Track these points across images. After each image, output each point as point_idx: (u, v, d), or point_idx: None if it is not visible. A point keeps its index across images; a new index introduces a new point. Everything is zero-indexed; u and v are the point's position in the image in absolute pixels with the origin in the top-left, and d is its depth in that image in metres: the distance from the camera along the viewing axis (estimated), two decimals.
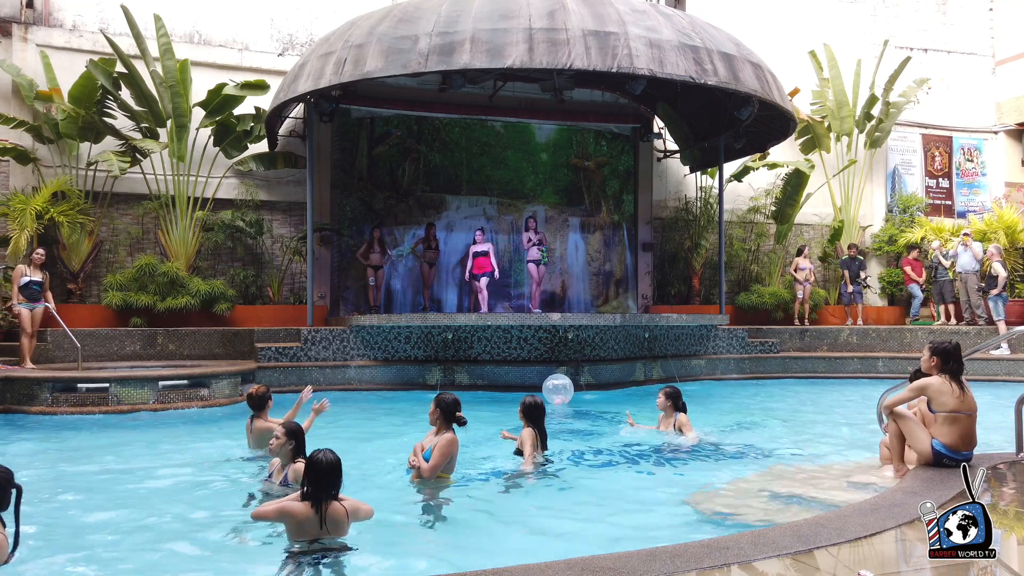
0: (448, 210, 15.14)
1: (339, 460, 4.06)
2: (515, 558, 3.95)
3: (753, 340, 13.87)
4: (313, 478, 3.96)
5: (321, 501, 3.94)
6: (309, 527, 3.93)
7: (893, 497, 4.32)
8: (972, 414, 5.05)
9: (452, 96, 14.10)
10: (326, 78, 10.85)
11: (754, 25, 16.38)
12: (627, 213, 16.20)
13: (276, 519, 4.06)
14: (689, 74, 10.66)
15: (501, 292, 15.30)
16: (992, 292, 13.77)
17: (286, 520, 3.99)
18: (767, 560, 3.26)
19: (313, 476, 3.96)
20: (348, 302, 14.37)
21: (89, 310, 12.23)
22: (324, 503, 3.94)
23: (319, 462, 3.98)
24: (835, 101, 16.35)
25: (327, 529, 3.95)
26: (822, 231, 17.13)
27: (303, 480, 4.01)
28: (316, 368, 11.25)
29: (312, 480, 3.96)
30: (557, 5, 10.61)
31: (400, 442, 7.14)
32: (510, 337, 11.31)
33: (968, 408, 5.02)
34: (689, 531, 4.53)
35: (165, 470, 6.14)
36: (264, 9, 14.36)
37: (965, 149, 18.66)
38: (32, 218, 11.50)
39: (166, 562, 4.09)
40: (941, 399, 5.01)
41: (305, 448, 4.89)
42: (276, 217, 14.14)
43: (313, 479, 3.96)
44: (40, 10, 13.06)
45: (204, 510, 4.97)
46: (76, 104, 12.02)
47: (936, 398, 5.04)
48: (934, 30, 18.66)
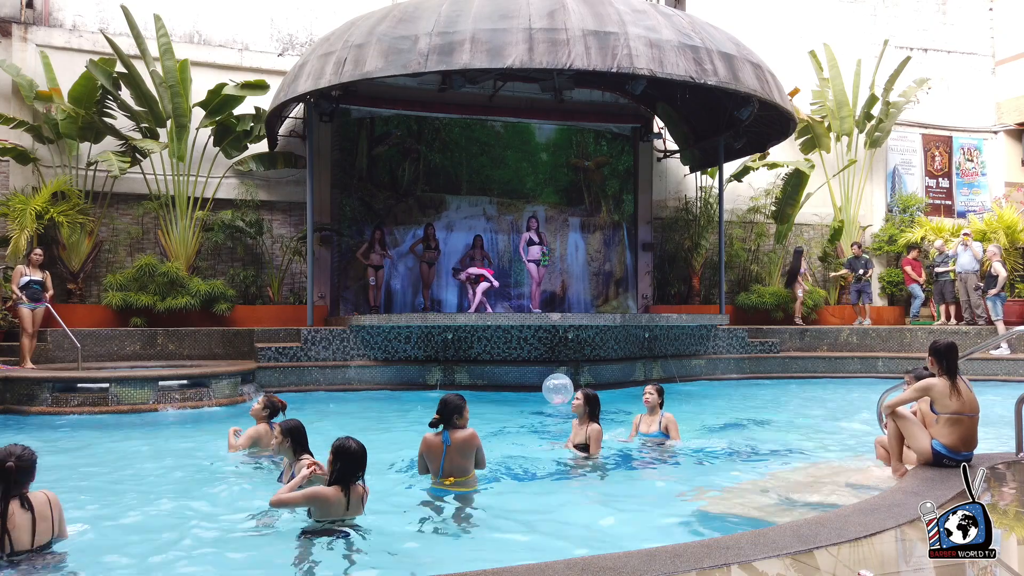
0: (448, 210, 15.14)
1: (364, 447, 4.42)
2: (514, 558, 3.95)
3: (753, 340, 13.87)
4: (344, 463, 4.31)
5: (349, 484, 4.31)
6: (337, 508, 4.29)
7: (893, 497, 4.32)
8: (974, 415, 5.04)
9: (452, 96, 14.10)
10: (326, 78, 10.85)
11: (754, 25, 16.38)
12: (627, 213, 16.20)
13: (304, 504, 4.35)
14: (689, 74, 10.66)
15: (501, 292, 15.30)
16: (991, 292, 13.77)
17: (316, 503, 4.30)
18: (767, 560, 3.25)
19: (344, 461, 4.32)
20: (348, 302, 14.37)
21: (89, 310, 12.23)
22: (351, 486, 4.32)
23: (349, 449, 4.34)
24: (835, 101, 16.35)
25: (351, 509, 4.33)
26: (822, 231, 17.13)
27: (331, 465, 4.34)
28: (316, 368, 11.25)
29: (343, 465, 4.31)
30: (557, 5, 10.61)
31: (399, 439, 7.13)
32: (510, 337, 11.31)
33: (971, 409, 5.02)
34: (689, 531, 4.53)
35: (166, 469, 6.14)
36: (264, 9, 14.36)
37: (965, 149, 18.67)
38: (32, 218, 11.50)
39: (168, 561, 4.09)
40: (944, 400, 5.00)
41: (307, 444, 4.97)
42: (276, 217, 14.14)
43: (343, 464, 4.31)
44: (40, 10, 13.06)
45: (210, 504, 4.99)
46: (76, 104, 12.03)
47: (939, 399, 5.02)
48: (934, 30, 18.67)
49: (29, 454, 3.79)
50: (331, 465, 4.35)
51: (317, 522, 4.31)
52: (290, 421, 5.11)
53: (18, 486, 3.71)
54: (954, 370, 5.08)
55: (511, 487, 5.65)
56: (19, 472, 3.70)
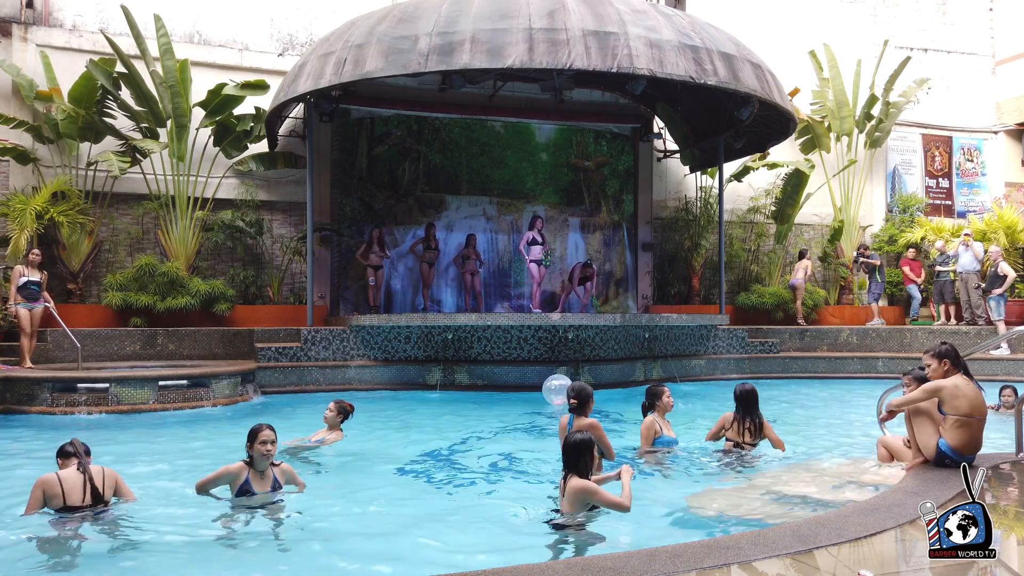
0: (448, 210, 15.14)
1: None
2: (514, 557, 3.95)
3: (753, 340, 13.87)
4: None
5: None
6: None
7: (893, 497, 4.32)
8: (983, 418, 5.03)
9: (452, 96, 14.10)
10: (326, 78, 10.85)
11: (754, 25, 16.38)
12: (627, 213, 16.20)
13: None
14: (689, 74, 10.66)
15: (501, 292, 15.31)
16: (995, 291, 13.74)
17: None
18: (767, 560, 3.25)
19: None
20: (348, 302, 14.37)
21: (89, 310, 12.23)
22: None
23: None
24: (835, 101, 16.35)
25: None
26: (822, 231, 17.13)
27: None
28: (316, 368, 11.25)
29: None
30: (557, 5, 10.61)
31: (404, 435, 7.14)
32: (510, 337, 11.30)
33: (980, 412, 5.00)
34: (689, 531, 4.53)
35: (166, 469, 6.14)
36: (264, 9, 14.36)
37: (965, 149, 18.66)
38: (32, 218, 11.49)
39: (174, 557, 4.10)
40: (955, 402, 4.94)
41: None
42: (276, 217, 14.14)
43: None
44: (40, 10, 13.06)
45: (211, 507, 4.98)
46: (76, 104, 12.02)
47: (950, 401, 4.97)
48: (934, 30, 18.67)
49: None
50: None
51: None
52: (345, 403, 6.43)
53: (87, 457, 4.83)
54: (967, 371, 5.07)
55: (511, 487, 5.65)
56: (85, 448, 4.88)
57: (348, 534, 4.49)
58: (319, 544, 4.27)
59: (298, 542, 4.31)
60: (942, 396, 5.03)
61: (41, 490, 4.59)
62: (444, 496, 5.42)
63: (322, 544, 4.27)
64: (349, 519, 4.82)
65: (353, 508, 5.06)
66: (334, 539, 4.37)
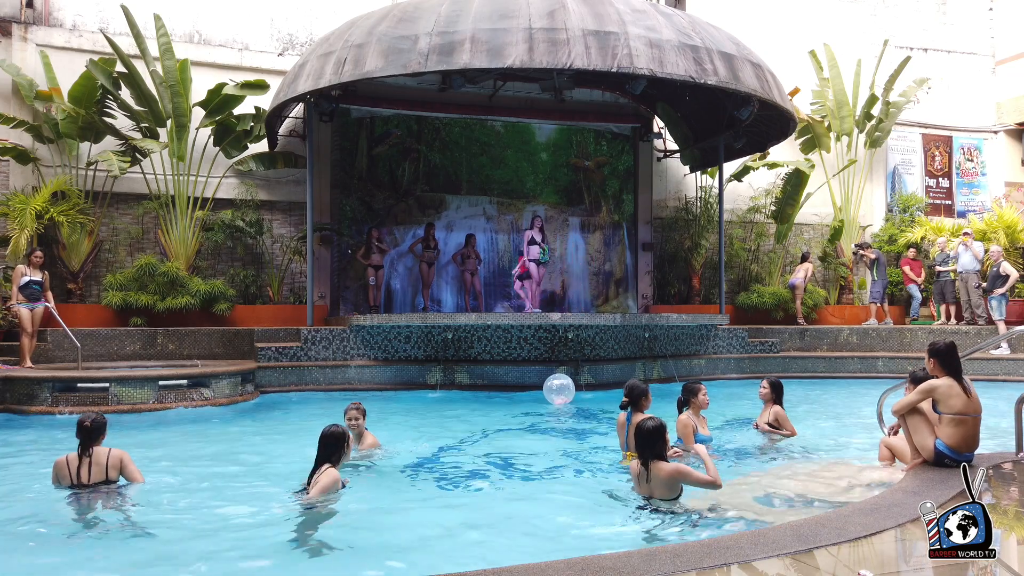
0: (448, 210, 15.14)
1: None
2: (513, 557, 3.95)
3: (753, 340, 13.87)
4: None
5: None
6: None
7: (893, 497, 4.32)
8: (978, 416, 5.04)
9: (452, 96, 14.10)
10: (326, 78, 10.85)
11: (754, 25, 16.38)
12: (627, 213, 16.20)
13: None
14: (689, 74, 10.66)
15: (501, 292, 15.31)
16: (997, 291, 13.73)
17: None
18: (767, 560, 3.26)
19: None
20: (348, 302, 14.37)
21: (89, 310, 12.22)
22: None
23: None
24: (835, 101, 16.35)
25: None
26: (822, 231, 17.13)
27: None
28: (316, 368, 11.25)
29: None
30: (557, 5, 10.61)
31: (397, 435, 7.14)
32: (510, 337, 11.31)
33: (975, 410, 5.01)
34: (689, 531, 4.53)
35: (167, 468, 6.14)
36: (264, 9, 14.36)
37: (965, 149, 18.66)
38: (32, 218, 11.49)
39: (180, 556, 4.10)
40: (949, 401, 4.99)
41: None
42: (276, 217, 14.14)
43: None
44: (40, 10, 13.06)
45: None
46: (76, 104, 12.02)
47: (944, 400, 5.01)
48: (934, 30, 18.67)
49: (101, 418, 5.30)
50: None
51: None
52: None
53: (92, 441, 5.20)
54: (958, 370, 5.08)
55: (511, 487, 5.65)
56: (94, 430, 5.21)
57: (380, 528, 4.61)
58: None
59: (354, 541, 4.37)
60: (937, 396, 5.06)
61: (54, 471, 5.24)
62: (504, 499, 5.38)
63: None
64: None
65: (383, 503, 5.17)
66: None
